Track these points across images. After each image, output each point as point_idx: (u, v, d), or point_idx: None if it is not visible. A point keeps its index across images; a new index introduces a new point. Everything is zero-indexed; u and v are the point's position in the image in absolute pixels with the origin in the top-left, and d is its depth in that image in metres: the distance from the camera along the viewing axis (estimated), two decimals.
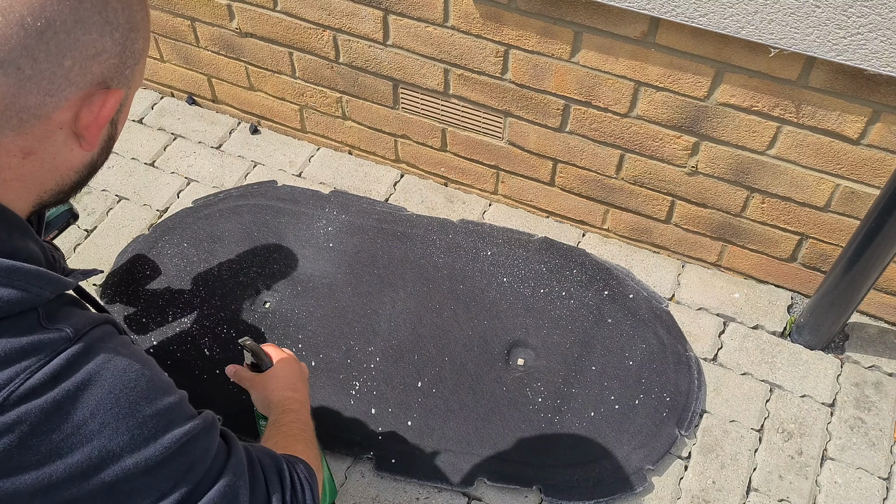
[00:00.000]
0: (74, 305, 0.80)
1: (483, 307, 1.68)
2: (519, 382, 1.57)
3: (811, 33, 1.25)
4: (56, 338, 0.71)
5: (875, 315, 1.71)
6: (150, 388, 0.77)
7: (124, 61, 0.74)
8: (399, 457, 1.47)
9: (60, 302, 0.77)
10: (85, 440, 0.70)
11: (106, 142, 0.81)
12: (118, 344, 0.77)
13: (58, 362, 0.70)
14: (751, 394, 1.58)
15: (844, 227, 1.55)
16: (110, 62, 0.72)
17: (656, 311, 1.69)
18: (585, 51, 1.50)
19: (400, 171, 2.01)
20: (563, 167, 1.76)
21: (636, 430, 1.51)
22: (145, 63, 0.82)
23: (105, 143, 0.81)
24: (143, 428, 0.74)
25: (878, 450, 1.51)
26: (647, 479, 1.45)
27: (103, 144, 0.80)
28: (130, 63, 0.75)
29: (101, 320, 0.78)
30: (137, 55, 0.76)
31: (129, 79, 0.77)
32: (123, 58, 0.74)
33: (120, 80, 0.75)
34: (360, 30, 1.71)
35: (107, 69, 0.72)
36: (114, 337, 0.78)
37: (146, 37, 0.78)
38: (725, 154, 1.54)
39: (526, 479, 1.45)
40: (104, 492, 0.71)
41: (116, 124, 0.81)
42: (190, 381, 1.56)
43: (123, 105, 0.79)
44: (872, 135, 1.38)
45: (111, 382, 0.73)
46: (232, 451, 0.84)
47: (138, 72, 0.80)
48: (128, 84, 0.77)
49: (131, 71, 0.76)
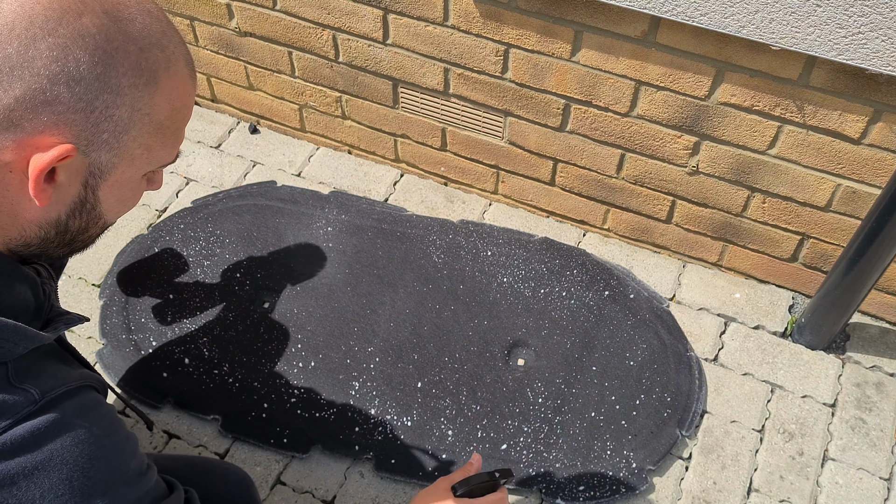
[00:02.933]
0: (53, 357, 0.76)
1: (483, 307, 1.68)
2: (519, 383, 1.56)
3: (812, 33, 1.24)
4: (20, 400, 0.68)
5: (876, 315, 1.70)
6: (110, 480, 0.73)
7: (95, 123, 0.67)
8: (399, 457, 1.47)
9: (36, 355, 0.73)
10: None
11: (74, 205, 0.74)
12: (91, 419, 0.72)
13: (20, 432, 0.67)
14: (752, 394, 1.58)
15: (845, 226, 1.55)
16: (68, 117, 0.66)
17: (657, 311, 1.68)
18: (586, 50, 1.50)
19: (400, 171, 2.01)
20: (563, 167, 1.76)
21: (637, 431, 1.50)
22: (166, 139, 0.75)
23: (74, 205, 0.74)
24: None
25: (879, 450, 1.50)
26: (648, 480, 1.45)
27: (72, 206, 0.73)
28: (109, 129, 0.69)
29: (78, 383, 0.74)
30: (122, 125, 0.69)
31: (111, 146, 0.70)
32: (91, 118, 0.67)
33: (90, 143, 0.68)
34: (359, 29, 1.71)
35: (63, 122, 0.66)
36: (87, 410, 0.73)
37: (141, 109, 0.70)
38: (726, 154, 1.54)
39: (526, 480, 1.44)
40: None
41: (95, 190, 0.73)
42: (189, 382, 1.56)
43: (106, 172, 0.72)
44: (873, 134, 1.37)
45: (70, 469, 0.70)
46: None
47: (135, 143, 0.72)
48: (110, 151, 0.70)
49: (114, 138, 0.69)
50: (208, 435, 1.50)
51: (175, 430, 1.51)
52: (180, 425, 1.51)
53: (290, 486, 1.44)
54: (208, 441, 1.49)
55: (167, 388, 1.55)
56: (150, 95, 0.70)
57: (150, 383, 1.55)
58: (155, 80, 0.70)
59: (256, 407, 1.52)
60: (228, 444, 1.49)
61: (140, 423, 1.50)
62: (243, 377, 1.56)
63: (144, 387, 1.55)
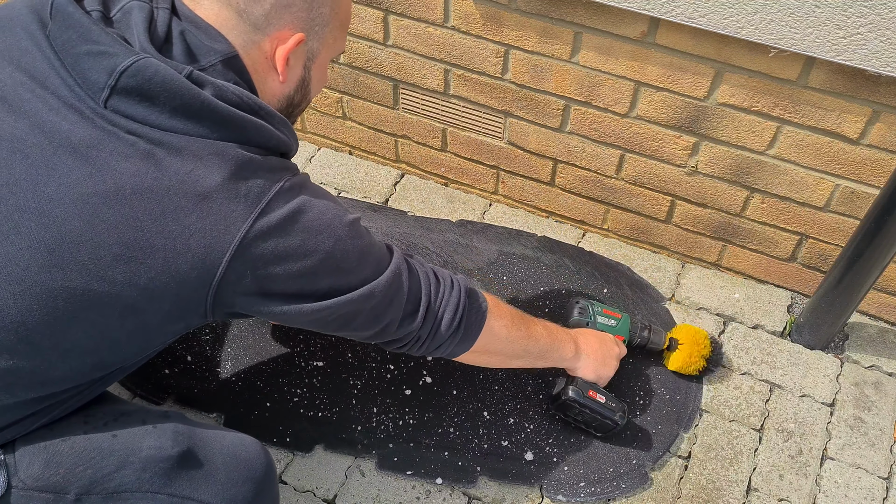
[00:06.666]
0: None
1: None
2: (520, 379, 1.57)
3: (811, 33, 1.25)
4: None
5: (875, 315, 1.71)
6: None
7: (312, 18, 0.98)
8: (400, 455, 1.47)
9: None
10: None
11: (299, 82, 1.04)
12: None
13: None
14: (751, 393, 1.58)
15: (844, 226, 1.56)
16: (299, 15, 0.96)
17: (655, 310, 1.69)
18: (585, 51, 1.50)
19: (400, 172, 2.01)
20: (563, 167, 1.76)
21: (636, 428, 1.51)
22: (342, 33, 1.06)
23: (298, 82, 1.03)
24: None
25: (878, 449, 1.51)
26: (649, 477, 1.46)
27: (297, 83, 1.03)
28: (319, 22, 0.99)
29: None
30: (325, 19, 1.00)
31: (319, 35, 1.00)
32: (311, 14, 0.97)
33: (309, 33, 0.99)
34: (360, 30, 1.71)
35: (296, 19, 0.96)
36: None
37: (334, 8, 1.00)
38: (725, 154, 1.55)
39: (527, 477, 1.45)
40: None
41: (309, 70, 1.04)
42: (191, 379, 1.56)
43: (315, 56, 1.03)
44: (872, 135, 1.38)
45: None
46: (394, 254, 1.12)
47: (330, 34, 1.02)
48: (318, 39, 1.01)
49: (321, 29, 1.00)
50: None
51: None
52: None
53: (292, 486, 1.44)
54: None
55: (169, 385, 1.55)
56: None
57: (152, 380, 1.56)
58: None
59: (259, 406, 1.53)
60: None
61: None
62: (246, 376, 1.57)
63: (146, 383, 1.56)
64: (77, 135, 0.87)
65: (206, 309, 0.94)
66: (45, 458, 0.98)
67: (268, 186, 0.92)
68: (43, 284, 0.87)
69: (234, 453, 1.08)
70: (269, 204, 0.91)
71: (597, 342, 1.46)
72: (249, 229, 0.89)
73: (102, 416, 1.06)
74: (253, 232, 0.90)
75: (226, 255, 0.89)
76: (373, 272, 1.04)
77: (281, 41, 0.96)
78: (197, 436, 1.06)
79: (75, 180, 0.86)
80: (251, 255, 0.91)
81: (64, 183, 0.86)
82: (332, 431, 1.50)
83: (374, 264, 1.05)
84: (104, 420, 1.05)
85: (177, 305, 0.92)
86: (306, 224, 0.94)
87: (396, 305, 1.09)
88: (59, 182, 0.86)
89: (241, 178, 0.90)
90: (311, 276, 0.97)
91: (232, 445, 1.09)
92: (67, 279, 0.87)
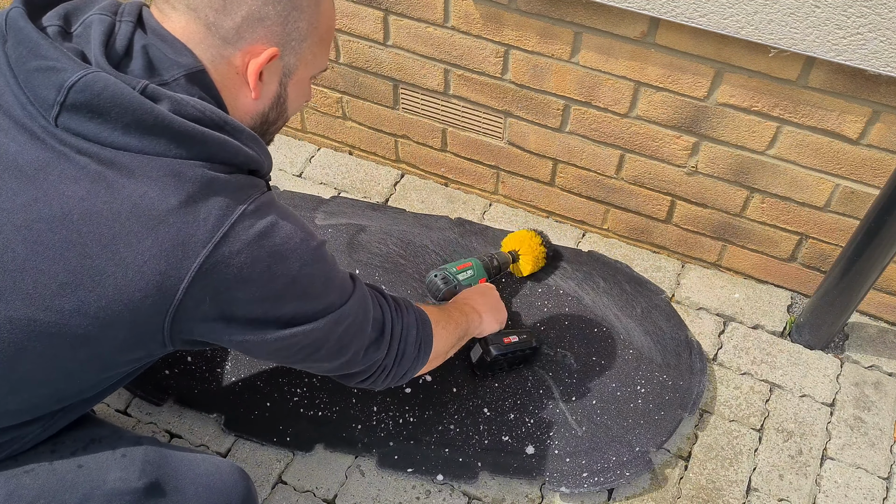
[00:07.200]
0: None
1: None
2: (520, 374, 1.57)
3: (811, 33, 1.25)
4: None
5: (875, 315, 1.71)
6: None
7: (288, 32, 0.94)
8: (401, 453, 1.47)
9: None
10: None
11: (274, 98, 1.00)
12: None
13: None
14: (751, 393, 1.58)
15: (844, 226, 1.56)
16: (273, 29, 0.92)
17: (654, 302, 1.69)
18: (585, 51, 1.50)
19: (400, 172, 2.01)
20: (563, 167, 1.76)
21: (638, 416, 1.51)
22: (323, 49, 1.02)
23: (273, 99, 1.00)
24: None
25: (877, 449, 1.51)
26: (652, 463, 1.45)
27: (272, 100, 1.00)
28: (296, 37, 0.95)
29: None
30: (302, 34, 0.95)
31: (296, 51, 0.96)
32: (287, 28, 0.93)
33: (285, 48, 0.95)
34: (360, 30, 1.71)
35: (270, 33, 0.93)
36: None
37: (312, 23, 0.96)
38: (725, 154, 1.55)
39: (528, 471, 1.45)
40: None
41: (285, 87, 1.00)
42: (191, 380, 1.56)
43: (292, 72, 0.99)
44: (872, 135, 1.38)
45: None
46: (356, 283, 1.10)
47: (308, 50, 0.98)
48: (295, 55, 0.97)
49: (298, 44, 0.96)
50: (210, 433, 1.51)
51: (177, 428, 1.51)
52: (182, 423, 1.52)
53: (292, 486, 1.44)
54: (210, 440, 1.50)
55: (169, 386, 1.55)
56: (318, 14, 0.97)
57: (152, 380, 1.56)
58: (319, 1, 0.97)
59: (259, 405, 1.53)
60: (230, 443, 1.50)
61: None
62: (246, 376, 1.57)
63: (146, 383, 1.56)
64: (25, 157, 0.84)
65: (164, 337, 0.90)
66: (6, 491, 0.95)
67: (231, 208, 0.87)
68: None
69: (207, 483, 1.04)
70: (231, 227, 0.87)
71: (481, 297, 1.52)
72: (210, 255, 0.86)
73: (72, 443, 1.03)
74: (214, 257, 0.86)
75: (183, 282, 0.85)
76: (338, 298, 1.02)
77: (253, 56, 0.93)
78: (168, 464, 1.03)
79: (20, 205, 0.83)
80: (211, 280, 0.87)
81: (7, 208, 0.83)
82: (332, 430, 1.50)
83: (339, 290, 1.03)
84: (73, 448, 1.02)
85: (132, 333, 0.89)
86: (271, 248, 0.90)
87: (362, 332, 1.08)
88: (1, 207, 0.83)
89: (201, 199, 0.86)
90: (275, 300, 0.93)
91: (206, 474, 1.05)
92: (11, 309, 0.84)
